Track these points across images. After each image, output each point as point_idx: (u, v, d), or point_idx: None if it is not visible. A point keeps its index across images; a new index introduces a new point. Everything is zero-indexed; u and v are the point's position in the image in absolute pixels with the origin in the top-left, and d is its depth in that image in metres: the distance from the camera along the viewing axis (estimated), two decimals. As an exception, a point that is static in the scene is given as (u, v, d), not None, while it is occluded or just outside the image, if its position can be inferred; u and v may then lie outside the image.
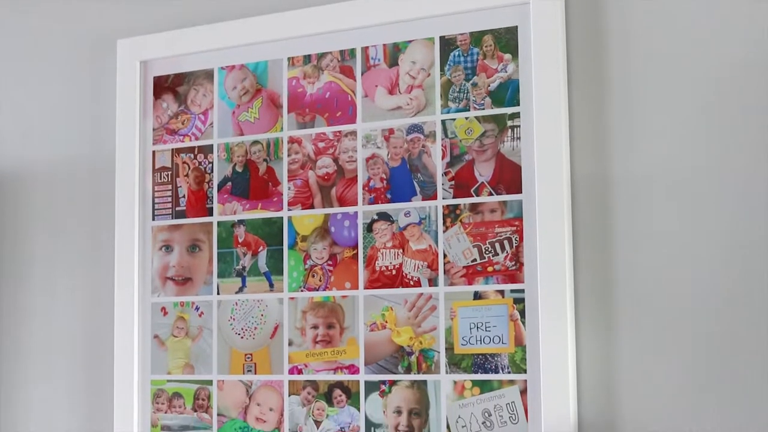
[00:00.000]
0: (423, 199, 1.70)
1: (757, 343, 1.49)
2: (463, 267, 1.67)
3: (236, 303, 1.83)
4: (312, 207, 1.79)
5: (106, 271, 1.95)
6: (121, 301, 1.90)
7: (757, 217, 1.50)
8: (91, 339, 1.96)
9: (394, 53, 1.75)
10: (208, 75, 1.90)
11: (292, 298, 1.78)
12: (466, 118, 1.69)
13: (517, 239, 1.64)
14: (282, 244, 1.80)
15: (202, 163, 1.89)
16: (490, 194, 1.66)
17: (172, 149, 1.92)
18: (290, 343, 1.78)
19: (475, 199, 1.67)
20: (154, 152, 1.93)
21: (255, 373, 1.80)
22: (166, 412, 1.87)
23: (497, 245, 1.65)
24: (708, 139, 1.54)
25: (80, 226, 2.00)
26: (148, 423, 1.88)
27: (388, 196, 1.73)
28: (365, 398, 1.71)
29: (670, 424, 1.53)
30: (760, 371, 1.49)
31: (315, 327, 1.76)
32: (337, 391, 1.73)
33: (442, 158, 1.70)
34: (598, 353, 1.58)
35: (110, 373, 1.92)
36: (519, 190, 1.64)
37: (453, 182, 1.69)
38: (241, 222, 1.84)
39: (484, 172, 1.67)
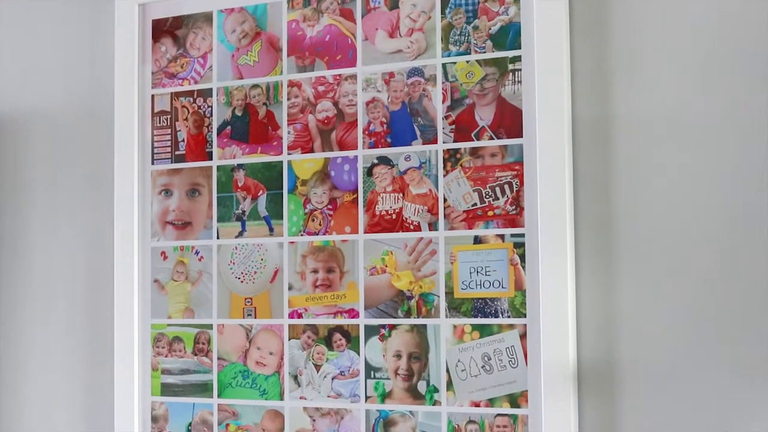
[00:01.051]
0: (423, 143, 1.69)
1: (756, 285, 1.49)
2: (464, 211, 1.66)
3: (236, 247, 1.83)
4: (312, 151, 1.78)
5: (106, 215, 1.94)
6: (121, 245, 1.90)
7: (757, 160, 1.50)
8: (91, 283, 1.96)
9: (394, -4, 1.74)
10: (207, 18, 1.89)
11: (292, 243, 1.78)
12: (467, 62, 1.67)
13: (518, 183, 1.63)
14: (282, 189, 1.79)
15: (202, 107, 1.88)
16: (491, 138, 1.65)
17: (171, 93, 1.91)
18: (290, 288, 1.78)
19: (475, 143, 1.66)
20: (153, 96, 1.92)
21: (255, 317, 1.80)
22: (166, 356, 1.88)
23: (498, 189, 1.64)
24: (709, 82, 1.53)
25: (79, 170, 1.99)
26: (148, 367, 1.89)
27: (389, 140, 1.72)
28: (365, 342, 1.72)
29: (669, 366, 1.54)
30: (759, 313, 1.49)
31: (315, 271, 1.76)
32: (337, 335, 1.74)
33: (443, 102, 1.69)
34: (597, 297, 1.58)
35: (110, 318, 1.92)
36: (520, 134, 1.64)
37: (453, 126, 1.68)
38: (240, 166, 1.83)
39: (484, 116, 1.66)
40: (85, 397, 1.97)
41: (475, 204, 1.66)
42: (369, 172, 1.73)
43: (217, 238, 1.85)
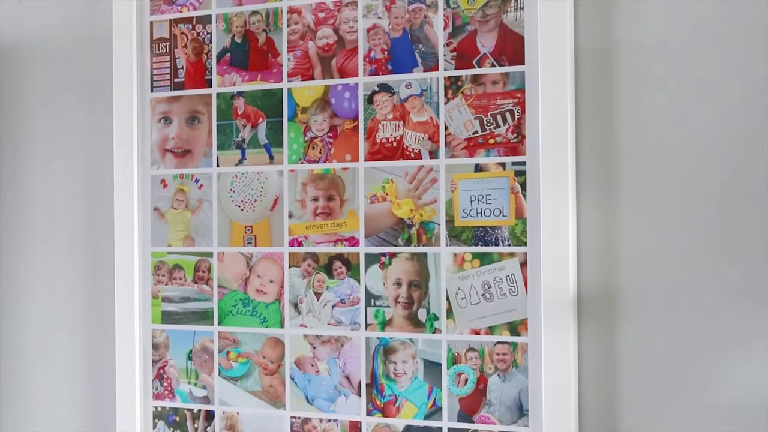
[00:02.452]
0: (424, 71, 1.68)
1: (758, 213, 1.49)
2: (465, 139, 1.65)
3: (236, 175, 1.82)
4: (312, 78, 1.76)
5: (105, 143, 1.93)
6: (121, 173, 1.89)
7: (762, 84, 1.49)
8: (91, 211, 1.96)
9: None
10: (206, -57, 1.86)
11: (292, 171, 1.77)
12: (469, -12, 1.66)
13: (519, 111, 1.62)
14: (282, 116, 1.78)
15: (201, 34, 1.86)
16: (493, 65, 1.64)
17: (170, 20, 1.89)
18: (290, 216, 1.77)
19: (477, 71, 1.65)
20: (151, 23, 1.90)
21: (255, 245, 1.80)
22: (166, 284, 1.88)
23: (499, 117, 1.63)
24: (714, 6, 1.51)
25: (78, 98, 1.98)
26: (149, 294, 1.89)
27: (389, 67, 1.71)
28: (365, 270, 1.72)
29: (669, 293, 1.54)
30: (759, 240, 1.48)
31: (315, 199, 1.75)
32: (337, 263, 1.74)
33: (444, 29, 1.67)
34: (598, 225, 1.58)
35: (111, 246, 1.92)
36: (521, 62, 1.62)
37: (455, 53, 1.66)
38: (240, 93, 1.82)
39: (486, 42, 1.64)
40: (85, 325, 1.97)
41: (476, 132, 1.65)
42: (369, 99, 1.72)
43: (217, 166, 1.84)
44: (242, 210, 1.81)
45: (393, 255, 1.70)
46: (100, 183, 1.94)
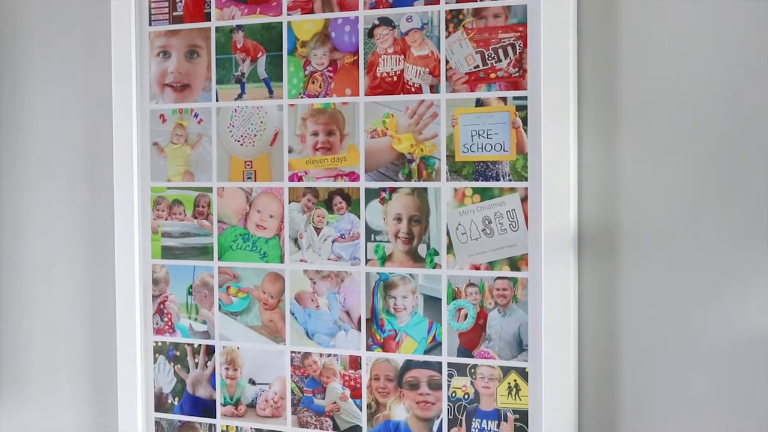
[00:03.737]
0: (425, 4, 1.66)
1: (759, 152, 1.48)
2: (466, 73, 1.64)
3: (235, 110, 1.81)
4: (312, 12, 1.74)
5: (104, 78, 1.92)
6: (119, 108, 1.88)
7: (763, 26, 1.47)
8: (90, 146, 1.95)
9: None
10: None
11: (292, 105, 1.76)
12: None
13: (521, 45, 1.60)
14: (281, 50, 1.77)
15: (199, -33, 1.84)
16: (495, -2, 1.62)
17: (168, -48, 1.87)
18: (290, 150, 1.76)
19: (478, 4, 1.63)
20: (149, -45, 1.88)
21: (255, 180, 1.80)
22: (166, 219, 1.88)
23: (500, 51, 1.62)
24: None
25: (76, 33, 1.96)
26: (148, 230, 1.89)
27: (390, 0, 1.69)
28: (365, 205, 1.71)
29: (670, 230, 1.54)
30: (759, 179, 1.48)
31: (315, 134, 1.74)
32: (337, 198, 1.73)
33: (446, -39, 1.65)
34: (600, 160, 1.57)
35: (110, 181, 1.91)
36: (524, -5, 1.60)
37: (456, -14, 1.64)
38: (239, 27, 1.80)
39: (488, -25, 1.63)
40: (85, 261, 1.97)
41: (478, 66, 1.63)
42: (370, 33, 1.70)
43: (216, 100, 1.82)
44: (242, 145, 1.80)
45: (393, 190, 1.69)
46: (99, 118, 1.93)
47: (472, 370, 1.65)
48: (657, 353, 1.55)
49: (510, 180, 1.62)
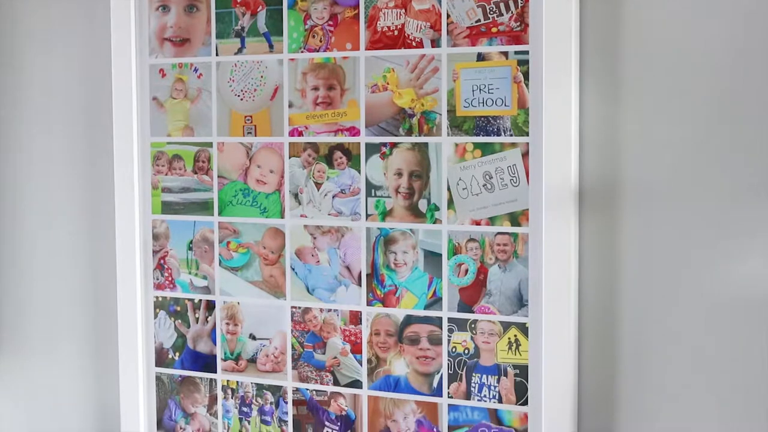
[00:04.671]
0: (427, -43, 1.65)
1: (761, 107, 1.47)
2: (467, 28, 1.63)
3: (235, 64, 1.80)
4: (312, -35, 1.73)
5: (103, 32, 1.91)
6: (119, 63, 1.87)
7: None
8: (89, 101, 1.94)
9: None
10: None
11: (292, 60, 1.75)
12: None
13: (523, -1, 1.59)
14: (281, 4, 1.75)
15: None
16: (497, -49, 1.61)
17: None
18: (290, 105, 1.76)
19: (480, -43, 1.62)
20: None
21: (255, 135, 1.79)
22: (166, 174, 1.87)
23: (502, 5, 1.60)
24: None
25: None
26: (148, 185, 1.89)
27: (391, -47, 1.67)
28: (366, 160, 1.71)
29: (671, 186, 1.53)
30: (763, 134, 1.47)
31: (315, 89, 1.73)
32: (338, 153, 1.73)
33: None
34: (601, 115, 1.56)
35: (110, 136, 1.90)
36: (526, -53, 1.59)
37: (458, -61, 1.63)
38: (239, -19, 1.79)
39: (490, -72, 1.61)
40: (86, 216, 1.97)
41: (479, 20, 1.62)
42: (371, -14, 1.69)
43: (216, 55, 1.81)
44: (242, 99, 1.79)
45: (394, 145, 1.68)
46: (99, 73, 1.92)
47: (473, 325, 1.65)
48: (657, 308, 1.56)
49: (511, 135, 1.61)
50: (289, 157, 1.76)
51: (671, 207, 1.54)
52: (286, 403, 1.81)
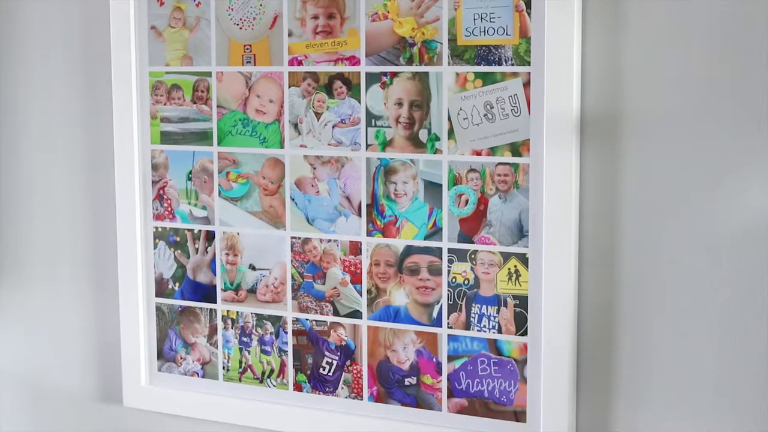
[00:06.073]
0: None
1: (763, 35, 1.46)
2: (469, -45, 1.61)
3: (234, -8, 1.78)
4: None
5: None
6: (116, -9, 1.86)
7: None
8: (87, 30, 1.93)
9: None
10: None
11: (292, -12, 1.73)
12: None
13: (526, -75, 1.57)
14: (281, -70, 1.73)
15: None
16: None
17: None
18: (290, 34, 1.74)
19: None
20: None
21: (254, 65, 1.77)
22: (165, 104, 1.86)
23: (505, -68, 1.58)
24: None
25: None
26: (147, 115, 1.88)
27: None
28: (366, 90, 1.69)
29: (674, 115, 1.52)
30: (764, 66, 1.47)
31: (315, 17, 1.71)
32: (338, 83, 1.71)
33: None
34: (604, 44, 1.55)
35: (108, 64, 1.89)
36: None
37: None
38: None
39: None
40: (84, 146, 1.96)
41: (481, -53, 1.60)
42: None
43: (215, -18, 1.80)
44: (241, 28, 1.78)
45: (394, 74, 1.67)
46: (96, 1, 1.90)
47: (473, 256, 1.65)
48: (657, 238, 1.55)
49: (512, 64, 1.59)
50: (289, 87, 1.75)
51: (672, 138, 1.53)
52: (286, 333, 1.81)
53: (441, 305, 1.68)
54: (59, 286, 2.04)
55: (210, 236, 1.85)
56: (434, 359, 1.70)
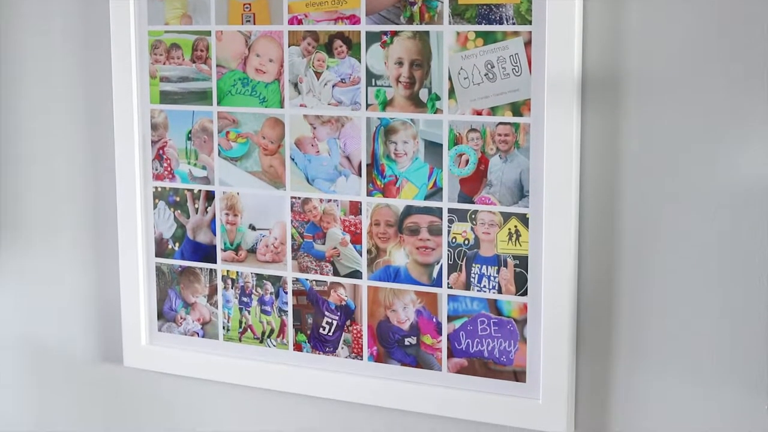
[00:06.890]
0: None
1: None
2: None
3: (233, -50, 1.77)
4: None
5: None
6: (115, -51, 1.84)
7: None
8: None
9: None
10: None
11: (292, -55, 1.72)
12: None
13: None
14: None
15: None
16: None
17: None
18: (290, -7, 1.73)
19: None
20: None
21: (254, 24, 1.76)
22: (164, 63, 1.85)
23: None
24: None
25: None
26: (146, 74, 1.87)
27: None
28: (366, 49, 1.69)
29: (674, 78, 1.52)
30: (764, 28, 1.46)
31: (315, -25, 1.71)
32: (338, 42, 1.70)
33: None
34: (605, 5, 1.54)
35: (106, 24, 1.88)
36: None
37: None
38: None
39: None
40: (83, 105, 1.96)
41: None
42: None
43: (214, -60, 1.78)
44: (240, -13, 1.77)
45: (395, 33, 1.66)
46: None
47: (473, 216, 1.65)
48: (658, 199, 1.55)
49: (514, 23, 1.58)
50: (289, 46, 1.74)
51: (673, 98, 1.52)
52: (286, 293, 1.81)
53: (441, 265, 1.68)
54: (59, 246, 2.04)
55: (210, 196, 1.85)
56: (434, 319, 1.70)
